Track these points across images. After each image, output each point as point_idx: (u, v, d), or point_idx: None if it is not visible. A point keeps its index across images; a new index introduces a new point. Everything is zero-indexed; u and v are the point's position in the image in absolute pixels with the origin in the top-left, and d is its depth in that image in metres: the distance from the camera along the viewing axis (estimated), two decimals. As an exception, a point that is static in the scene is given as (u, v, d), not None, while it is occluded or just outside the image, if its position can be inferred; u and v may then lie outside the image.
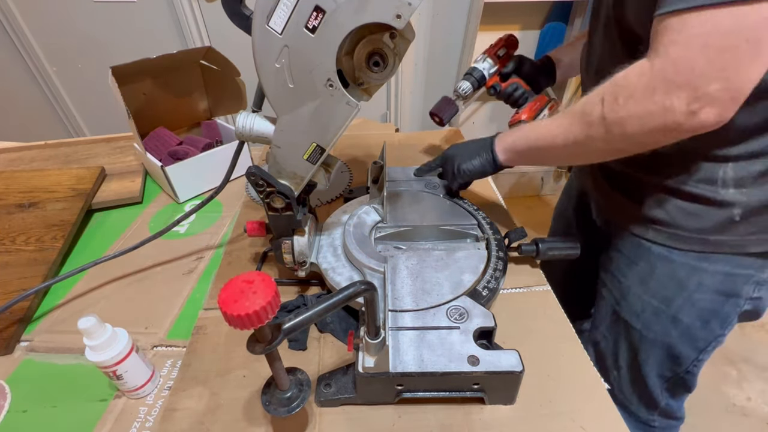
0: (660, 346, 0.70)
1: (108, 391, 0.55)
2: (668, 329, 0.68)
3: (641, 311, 0.70)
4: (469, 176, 0.73)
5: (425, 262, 0.61)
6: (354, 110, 0.47)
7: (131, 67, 0.81)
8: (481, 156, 0.70)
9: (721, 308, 0.64)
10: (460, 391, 0.50)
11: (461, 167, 0.72)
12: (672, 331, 0.68)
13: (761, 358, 1.59)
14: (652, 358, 0.72)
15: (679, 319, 0.66)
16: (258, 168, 0.53)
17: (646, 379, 0.74)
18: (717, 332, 0.67)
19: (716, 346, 0.69)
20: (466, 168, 0.72)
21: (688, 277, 0.63)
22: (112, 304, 0.68)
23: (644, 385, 0.75)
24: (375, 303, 0.43)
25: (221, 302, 0.33)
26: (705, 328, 0.66)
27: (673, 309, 0.66)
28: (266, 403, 0.44)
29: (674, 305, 0.66)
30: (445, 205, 0.73)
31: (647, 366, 0.73)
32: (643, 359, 0.73)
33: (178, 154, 0.93)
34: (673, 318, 0.67)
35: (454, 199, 0.75)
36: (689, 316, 0.66)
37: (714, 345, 0.68)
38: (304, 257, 0.61)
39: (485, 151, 0.70)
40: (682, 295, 0.65)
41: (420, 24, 2.00)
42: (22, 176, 0.92)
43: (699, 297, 0.64)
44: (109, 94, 0.80)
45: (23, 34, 1.83)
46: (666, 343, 0.69)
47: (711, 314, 0.65)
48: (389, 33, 0.44)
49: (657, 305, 0.67)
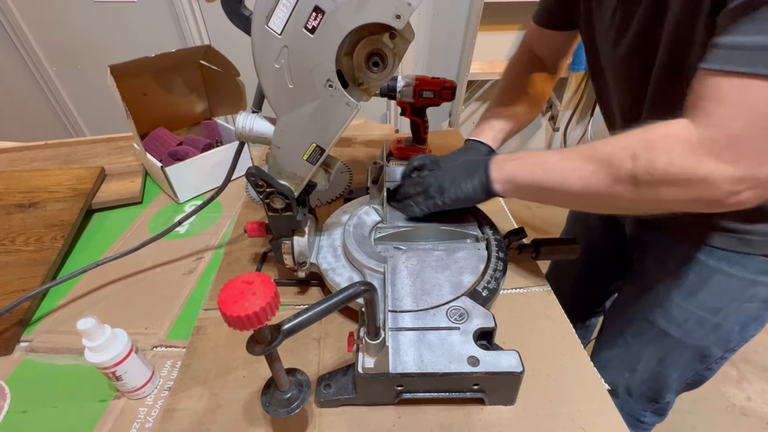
0: (693, 349, 0.69)
1: (108, 392, 0.55)
2: (708, 335, 0.67)
3: (683, 321, 0.68)
4: (453, 204, 0.61)
5: (425, 263, 0.61)
6: (354, 110, 0.47)
7: (130, 66, 0.81)
8: (473, 180, 0.59)
9: (763, 314, 0.64)
10: (460, 391, 0.50)
11: (447, 192, 0.60)
12: (711, 336, 0.67)
13: (761, 358, 1.59)
14: (681, 362, 0.71)
15: (721, 325, 0.66)
16: (258, 168, 0.53)
17: (666, 380, 0.74)
18: (750, 334, 0.67)
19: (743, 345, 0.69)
20: (454, 194, 0.60)
21: (744, 290, 0.62)
22: (111, 305, 0.68)
23: (659, 386, 0.75)
24: (375, 303, 0.43)
25: (221, 303, 0.33)
26: (742, 332, 0.66)
27: (719, 317, 0.65)
28: (266, 404, 0.44)
29: (721, 314, 0.65)
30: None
31: (672, 368, 0.72)
32: (670, 363, 0.72)
33: (178, 155, 0.93)
34: (716, 325, 0.66)
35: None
36: (732, 322, 0.65)
37: (742, 345, 0.69)
38: (303, 258, 0.61)
39: (478, 175, 0.59)
40: (731, 306, 0.64)
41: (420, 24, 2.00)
42: (22, 176, 0.92)
43: (748, 306, 0.63)
44: (109, 94, 0.80)
45: (23, 34, 1.83)
46: (700, 347, 0.69)
47: (751, 320, 0.65)
48: (389, 33, 0.44)
49: (702, 315, 0.66)
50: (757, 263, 0.60)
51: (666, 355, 0.72)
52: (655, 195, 0.44)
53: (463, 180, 0.60)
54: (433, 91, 0.87)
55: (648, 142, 0.43)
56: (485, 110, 0.79)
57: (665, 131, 0.43)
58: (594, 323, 1.08)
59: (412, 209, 0.64)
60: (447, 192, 0.60)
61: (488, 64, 2.16)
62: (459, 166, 0.62)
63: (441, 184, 0.61)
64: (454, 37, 2.06)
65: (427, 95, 0.87)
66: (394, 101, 0.92)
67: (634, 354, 0.76)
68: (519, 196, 0.58)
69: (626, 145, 0.45)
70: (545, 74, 0.80)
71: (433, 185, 0.62)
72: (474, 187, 0.59)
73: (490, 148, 0.72)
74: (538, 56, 0.80)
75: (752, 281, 0.61)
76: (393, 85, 0.88)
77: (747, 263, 0.60)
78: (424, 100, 0.88)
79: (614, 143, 0.47)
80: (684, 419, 1.40)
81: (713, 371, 0.72)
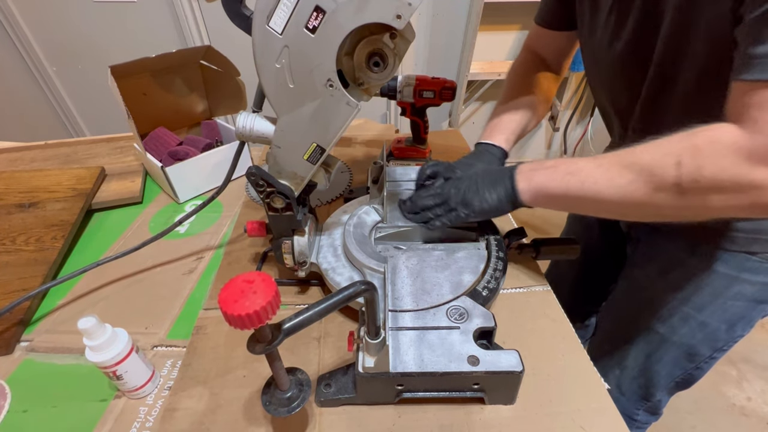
0: (680, 347, 0.70)
1: (108, 391, 0.55)
2: (694, 332, 0.68)
3: (668, 317, 0.69)
4: (477, 216, 0.58)
5: (425, 262, 0.61)
6: (354, 110, 0.47)
7: (131, 66, 0.81)
8: (497, 190, 0.56)
9: (749, 313, 0.65)
10: (460, 391, 0.50)
11: (471, 204, 0.57)
12: (697, 334, 0.68)
13: (761, 358, 1.60)
14: (668, 358, 0.72)
15: (707, 323, 0.66)
16: (258, 168, 0.53)
17: (655, 377, 0.74)
18: (738, 334, 0.68)
19: (732, 346, 0.69)
20: (479, 206, 0.56)
21: (727, 287, 0.62)
22: (112, 304, 0.68)
23: (649, 383, 0.76)
24: (375, 303, 0.43)
25: (221, 302, 0.33)
26: (729, 331, 0.67)
27: (703, 315, 0.66)
28: (266, 403, 0.44)
29: (706, 311, 0.65)
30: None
31: (659, 365, 0.73)
32: (657, 359, 0.73)
33: (178, 155, 0.93)
34: (701, 323, 0.66)
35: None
36: (718, 320, 0.66)
37: (731, 345, 0.69)
38: (304, 257, 0.61)
39: (502, 185, 0.56)
40: (716, 303, 0.64)
41: (420, 24, 2.00)
42: (22, 176, 0.92)
43: (732, 303, 0.64)
44: (109, 95, 0.80)
45: (23, 34, 1.83)
46: (687, 345, 0.69)
47: (738, 318, 0.65)
48: (389, 33, 0.44)
49: (687, 311, 0.67)
50: (738, 260, 0.60)
51: (653, 351, 0.73)
52: (703, 202, 0.43)
53: (487, 190, 0.57)
54: (433, 91, 0.87)
55: (694, 149, 0.42)
56: (492, 113, 0.77)
57: (711, 137, 0.42)
58: (593, 323, 1.09)
59: (433, 223, 0.60)
60: (470, 204, 0.57)
61: (488, 64, 2.16)
62: (480, 175, 0.59)
63: (463, 195, 0.58)
64: (454, 37, 2.06)
65: (427, 95, 0.87)
66: (394, 101, 0.92)
67: (623, 350, 0.77)
68: (549, 206, 0.55)
69: (669, 151, 0.43)
70: (550, 75, 0.80)
71: (453, 196, 0.58)
72: (499, 197, 0.56)
73: (504, 151, 0.70)
74: (541, 57, 0.80)
75: (734, 278, 0.61)
76: (393, 85, 0.88)
77: (729, 259, 0.61)
78: (425, 100, 0.88)
79: (654, 150, 0.45)
80: (684, 419, 1.40)
81: (703, 371, 0.73)
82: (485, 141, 0.71)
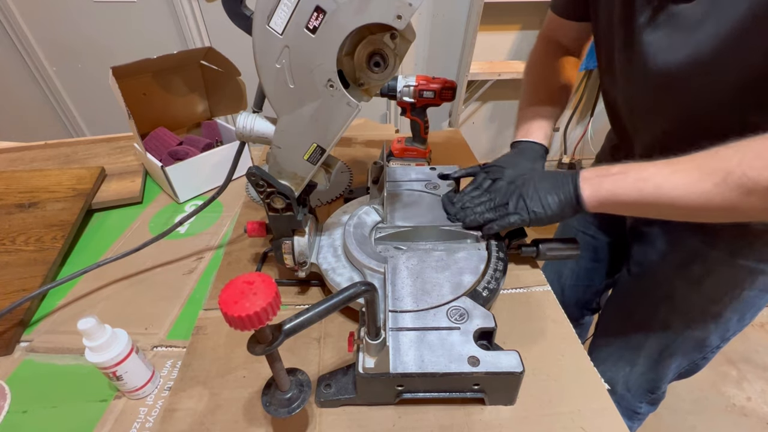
0: (693, 339, 0.71)
1: (108, 392, 0.55)
2: (708, 323, 0.68)
3: (687, 311, 0.69)
4: (535, 222, 0.57)
5: (425, 263, 0.61)
6: (354, 111, 0.47)
7: (132, 67, 0.81)
8: (558, 196, 0.55)
9: (759, 302, 0.66)
10: (460, 391, 0.50)
11: (531, 209, 0.56)
12: (711, 325, 0.68)
13: (761, 358, 1.60)
14: (681, 351, 0.72)
15: (722, 314, 0.67)
16: (258, 168, 0.53)
17: (665, 371, 0.75)
18: (746, 323, 0.69)
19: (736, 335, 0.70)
20: (542, 212, 0.56)
21: (745, 278, 0.63)
22: (112, 305, 0.68)
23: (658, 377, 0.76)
24: (375, 304, 0.43)
25: (222, 303, 0.33)
26: (740, 321, 0.68)
27: (720, 306, 0.66)
28: (266, 404, 0.44)
29: (722, 303, 0.66)
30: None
31: (672, 359, 0.73)
32: (670, 353, 0.73)
33: (178, 154, 0.93)
34: (717, 314, 0.67)
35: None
36: (731, 311, 0.66)
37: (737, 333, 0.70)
38: (304, 258, 0.61)
39: (564, 191, 0.55)
40: (733, 294, 0.65)
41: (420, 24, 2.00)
42: (22, 176, 0.92)
43: (747, 294, 0.64)
44: (109, 95, 0.80)
45: (23, 34, 1.83)
46: (701, 336, 0.70)
47: (749, 308, 0.66)
48: (390, 33, 0.44)
49: (704, 304, 0.67)
50: (757, 251, 0.61)
51: (667, 345, 0.73)
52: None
53: (549, 195, 0.56)
54: (433, 91, 0.87)
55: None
56: (521, 109, 0.77)
57: None
58: (588, 321, 1.08)
59: (490, 228, 0.60)
60: (531, 209, 0.57)
61: (488, 64, 2.16)
62: (537, 180, 0.58)
63: (522, 199, 0.57)
64: (454, 37, 2.06)
65: (427, 95, 0.87)
66: (394, 101, 0.92)
67: (634, 347, 0.77)
68: (615, 211, 0.54)
69: (761, 153, 0.42)
70: (572, 59, 0.80)
71: (511, 201, 0.58)
72: (561, 204, 0.55)
73: (545, 148, 0.71)
74: (560, 44, 0.80)
75: (753, 269, 0.62)
76: (393, 85, 0.88)
77: (749, 252, 0.61)
78: (425, 100, 0.88)
79: (741, 152, 0.43)
80: (684, 419, 1.40)
81: (708, 360, 0.74)
82: (526, 139, 0.71)
